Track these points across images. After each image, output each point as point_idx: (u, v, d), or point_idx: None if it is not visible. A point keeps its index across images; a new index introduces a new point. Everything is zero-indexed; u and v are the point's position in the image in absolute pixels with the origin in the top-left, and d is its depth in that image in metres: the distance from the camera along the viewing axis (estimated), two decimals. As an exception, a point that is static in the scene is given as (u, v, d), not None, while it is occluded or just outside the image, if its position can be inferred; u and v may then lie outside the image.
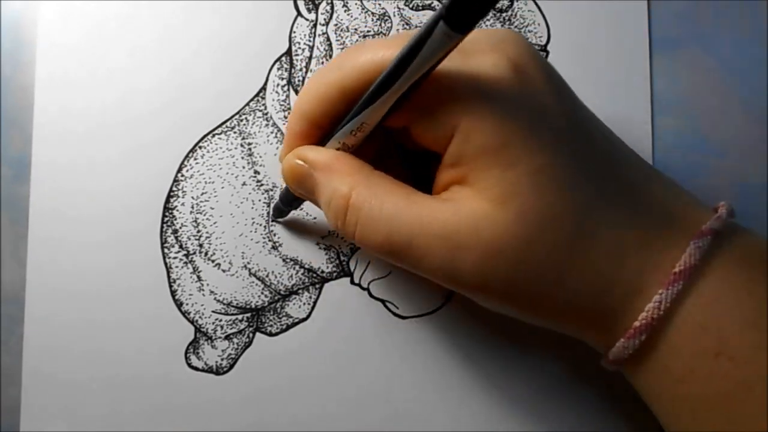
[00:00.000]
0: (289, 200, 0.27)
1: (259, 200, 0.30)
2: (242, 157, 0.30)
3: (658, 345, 0.22)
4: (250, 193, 0.30)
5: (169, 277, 0.30)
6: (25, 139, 0.30)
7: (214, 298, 0.30)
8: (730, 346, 0.20)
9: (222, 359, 0.30)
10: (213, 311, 0.30)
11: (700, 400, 0.21)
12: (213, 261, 0.30)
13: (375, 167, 0.24)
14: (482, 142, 0.21)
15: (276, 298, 0.30)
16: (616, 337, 0.22)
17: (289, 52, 0.31)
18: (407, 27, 0.30)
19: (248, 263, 0.30)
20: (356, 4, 0.30)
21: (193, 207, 0.30)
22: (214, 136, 0.30)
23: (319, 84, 0.24)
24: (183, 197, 0.30)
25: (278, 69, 0.31)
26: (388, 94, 0.21)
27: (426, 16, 0.30)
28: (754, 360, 0.20)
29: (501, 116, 0.21)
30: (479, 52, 0.22)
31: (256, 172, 0.30)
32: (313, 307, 0.30)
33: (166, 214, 0.30)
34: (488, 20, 0.31)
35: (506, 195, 0.21)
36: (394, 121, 0.23)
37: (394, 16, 0.30)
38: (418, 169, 0.26)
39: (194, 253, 0.30)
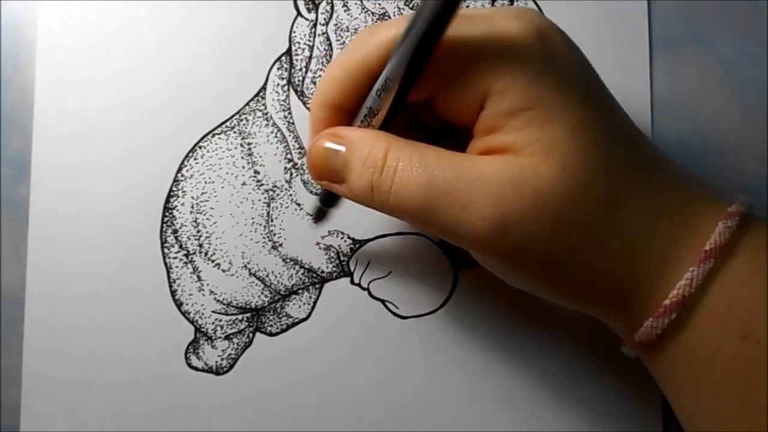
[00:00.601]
0: (330, 199, 0.26)
1: (259, 200, 0.30)
2: (242, 157, 0.30)
3: (685, 325, 0.21)
4: (249, 193, 0.30)
5: (169, 277, 0.30)
6: (25, 139, 0.30)
7: (214, 298, 0.30)
8: (758, 328, 0.20)
9: (222, 359, 0.30)
10: (213, 311, 0.30)
11: (724, 384, 0.21)
12: (213, 261, 0.30)
13: None
14: (516, 102, 0.21)
15: (276, 298, 0.30)
16: (642, 315, 0.22)
17: (289, 52, 0.31)
18: (407, 27, 0.30)
19: (248, 263, 0.30)
20: (356, 3, 0.30)
21: (193, 207, 0.30)
22: (213, 136, 0.30)
23: (341, 65, 0.23)
24: (183, 197, 0.30)
25: (278, 69, 0.31)
26: (405, 43, 0.21)
27: (426, 16, 0.30)
28: None
29: (532, 76, 0.21)
30: (505, 19, 0.22)
31: (256, 172, 0.30)
32: (313, 307, 0.30)
33: (166, 214, 0.30)
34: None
35: (547, 150, 0.21)
36: (420, 93, 0.23)
37: (394, 15, 0.30)
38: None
39: (194, 253, 0.30)
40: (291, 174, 0.30)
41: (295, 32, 0.31)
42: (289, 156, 0.30)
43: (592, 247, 0.21)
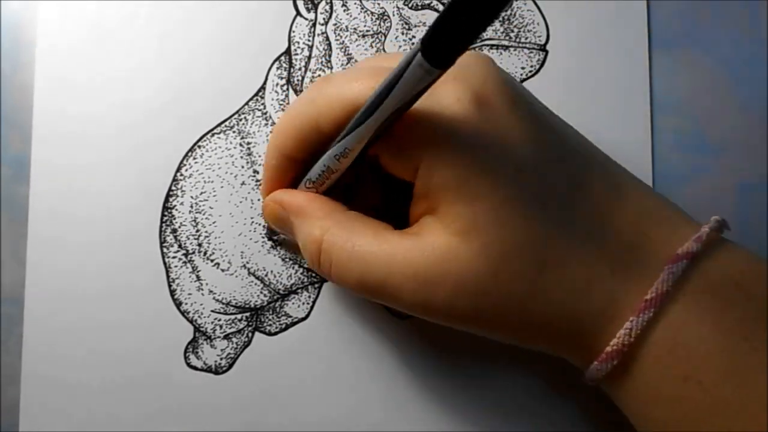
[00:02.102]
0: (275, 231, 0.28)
1: (258, 199, 0.30)
2: (241, 157, 0.30)
3: (629, 368, 0.22)
4: (249, 193, 0.30)
5: (168, 276, 0.30)
6: (24, 139, 0.30)
7: (213, 298, 0.30)
8: (699, 370, 0.21)
9: (221, 359, 0.30)
10: (212, 311, 0.30)
11: (669, 423, 0.21)
12: (212, 260, 0.30)
13: (353, 193, 0.25)
14: (444, 179, 0.22)
15: (275, 297, 0.30)
16: (590, 357, 0.23)
17: (288, 52, 0.31)
18: (406, 26, 0.30)
19: (247, 262, 0.30)
20: (355, 3, 0.30)
21: (192, 206, 0.30)
22: (213, 135, 0.30)
23: (292, 118, 0.25)
24: (182, 196, 0.30)
25: (277, 68, 0.31)
26: (363, 127, 0.22)
27: (425, 15, 0.30)
28: (720, 384, 0.20)
29: (462, 152, 0.22)
30: (442, 83, 0.21)
31: (255, 171, 0.30)
32: (312, 307, 0.30)
33: (165, 213, 0.30)
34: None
35: (469, 229, 0.21)
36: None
37: (393, 15, 0.30)
38: (397, 194, 0.26)
39: (193, 252, 0.30)
40: (290, 173, 0.30)
41: (294, 32, 0.31)
42: (288, 155, 0.30)
43: (522, 310, 0.22)
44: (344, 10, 0.30)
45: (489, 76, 0.23)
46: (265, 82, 0.31)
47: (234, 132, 0.30)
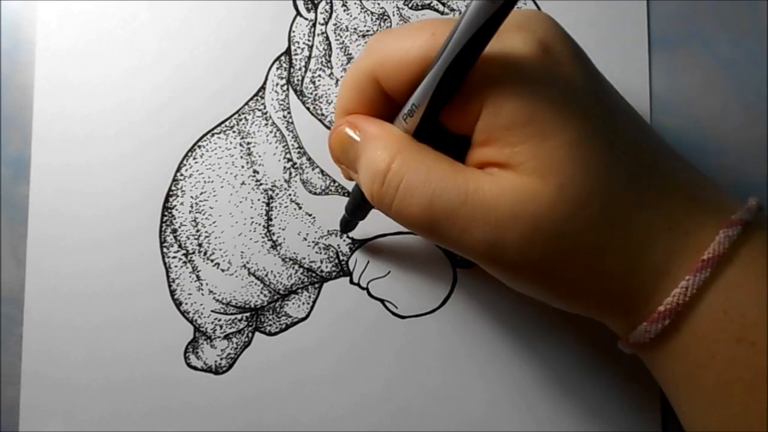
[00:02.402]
0: (355, 209, 0.27)
1: (258, 199, 0.30)
2: (241, 157, 0.30)
3: (680, 330, 0.21)
4: (249, 193, 0.30)
5: (168, 276, 0.30)
6: (24, 139, 0.30)
7: (213, 298, 0.30)
8: (753, 331, 0.20)
9: (221, 359, 0.30)
10: (212, 311, 0.30)
11: (719, 387, 0.21)
12: (212, 260, 0.30)
13: None
14: (511, 116, 0.21)
15: (275, 297, 0.30)
16: (638, 320, 0.22)
17: (288, 52, 0.31)
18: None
19: (247, 263, 0.30)
20: (355, 3, 0.30)
21: (192, 206, 0.30)
22: (213, 135, 0.30)
23: (352, 74, 0.24)
24: (182, 196, 0.30)
25: (277, 68, 0.31)
26: (428, 77, 0.21)
27: (425, 15, 0.30)
28: None
29: (529, 90, 0.21)
30: (507, 31, 0.21)
31: (255, 171, 0.30)
32: (312, 307, 0.30)
33: (165, 213, 0.30)
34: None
35: (544, 168, 0.21)
36: None
37: (393, 15, 0.30)
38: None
39: (193, 252, 0.30)
40: (290, 173, 0.30)
41: (294, 32, 0.31)
42: (288, 155, 0.30)
43: (589, 263, 0.21)
44: (344, 10, 0.30)
45: (551, 28, 0.22)
46: (265, 82, 0.31)
47: (234, 132, 0.30)
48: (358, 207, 0.27)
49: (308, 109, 0.30)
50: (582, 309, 0.23)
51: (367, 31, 0.30)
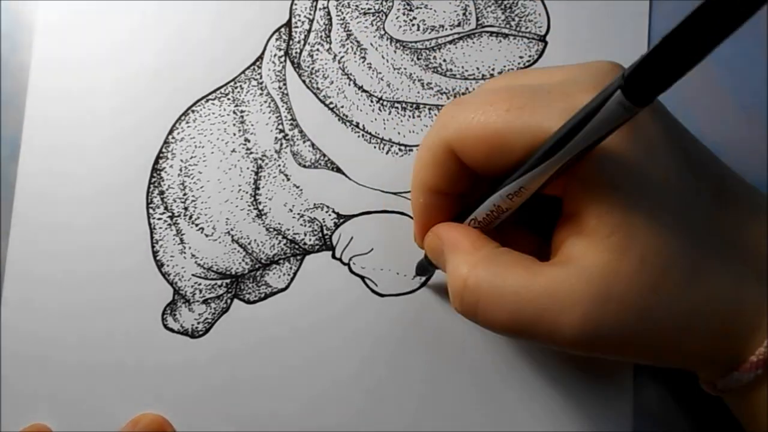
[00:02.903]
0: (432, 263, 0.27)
1: (247, 168, 0.30)
2: (234, 124, 0.30)
3: None
4: (238, 161, 0.30)
5: (152, 237, 0.30)
6: (21, 119, 0.30)
7: (195, 262, 0.30)
8: None
9: (198, 323, 0.30)
10: (193, 275, 0.30)
11: None
12: (197, 225, 0.30)
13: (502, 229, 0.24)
14: (597, 187, 0.21)
15: (256, 266, 0.30)
16: (727, 368, 0.22)
17: (288, 24, 0.31)
18: (408, 8, 0.31)
19: (231, 230, 0.30)
20: (358, -20, 0.31)
21: (181, 170, 0.30)
22: (207, 101, 0.30)
23: (427, 149, 0.24)
24: (172, 159, 0.30)
25: (276, 40, 0.31)
26: (545, 165, 0.20)
27: (427, -3, 0.30)
28: None
29: (611, 160, 0.21)
30: (582, 97, 0.21)
31: (246, 140, 0.30)
32: (292, 278, 0.30)
33: (154, 174, 0.30)
34: (489, 7, 0.31)
35: (625, 241, 0.21)
36: None
37: (394, -7, 0.30)
38: (542, 220, 0.25)
39: (179, 215, 0.30)
40: (281, 144, 0.30)
41: (296, 4, 0.31)
42: (280, 126, 0.30)
43: (679, 327, 0.21)
44: (346, -15, 0.30)
45: (658, 122, 0.22)
46: (263, 53, 0.31)
47: (228, 99, 0.30)
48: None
49: (304, 82, 0.30)
50: (668, 365, 0.23)
51: (369, 9, 0.31)
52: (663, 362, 0.23)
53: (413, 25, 0.30)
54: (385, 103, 0.30)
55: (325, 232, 0.30)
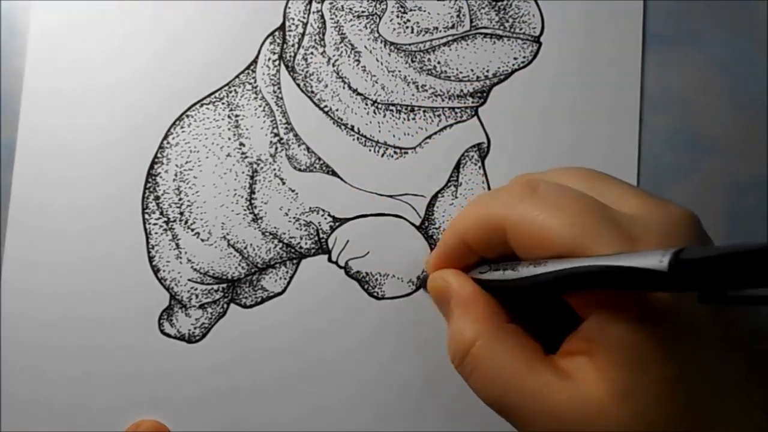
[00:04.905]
0: None
1: (243, 172, 0.30)
2: (228, 129, 0.30)
3: None
4: (233, 165, 0.30)
5: (147, 242, 0.30)
6: (15, 125, 0.30)
7: (191, 267, 0.30)
8: None
9: (195, 328, 0.30)
10: (189, 279, 0.30)
11: None
12: (192, 230, 0.30)
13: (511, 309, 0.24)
14: (616, 337, 0.21)
15: (253, 270, 0.30)
16: None
17: (282, 28, 0.31)
18: (402, 10, 0.31)
19: (227, 234, 0.30)
20: (351, -17, 0.31)
21: (176, 175, 0.30)
22: (202, 105, 0.30)
23: (482, 214, 0.24)
24: (167, 164, 0.30)
25: (270, 44, 0.31)
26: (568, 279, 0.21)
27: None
28: None
29: (641, 315, 0.20)
30: (647, 244, 0.20)
31: (241, 144, 0.30)
32: (289, 282, 0.30)
33: (149, 180, 0.30)
34: (483, 8, 0.31)
35: (627, 395, 0.20)
36: None
37: (387, -4, 0.30)
38: (556, 312, 0.25)
39: (174, 220, 0.30)
40: (276, 148, 0.30)
41: (289, 8, 0.31)
42: (275, 130, 0.30)
43: None
44: (339, -12, 0.30)
45: (692, 241, 0.22)
46: (257, 57, 0.31)
47: (223, 104, 0.30)
48: None
49: (298, 85, 0.30)
50: None
51: (363, 11, 0.31)
52: None
53: (407, 27, 0.30)
54: (379, 105, 0.30)
55: (321, 235, 0.30)
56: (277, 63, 0.31)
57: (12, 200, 0.30)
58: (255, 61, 0.31)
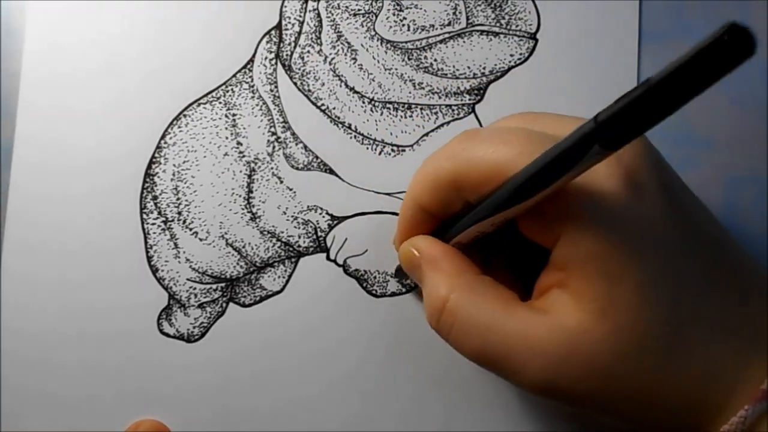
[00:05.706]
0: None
1: (240, 171, 0.30)
2: (226, 128, 0.30)
3: None
4: (231, 164, 0.30)
5: (146, 242, 0.30)
6: (12, 126, 0.30)
7: (190, 266, 0.30)
8: None
9: (194, 327, 0.30)
10: (188, 279, 0.30)
11: None
12: (191, 229, 0.30)
13: (483, 260, 0.24)
14: (586, 253, 0.21)
15: (251, 269, 0.30)
16: None
17: (279, 26, 0.31)
18: (398, 8, 0.31)
19: (225, 233, 0.30)
20: (347, -19, 0.31)
21: (174, 174, 0.30)
22: (199, 105, 0.30)
23: (430, 172, 0.24)
24: (165, 164, 0.30)
25: (267, 42, 0.31)
26: (518, 205, 0.21)
27: (416, -3, 0.30)
28: None
29: (608, 229, 0.21)
30: None
31: (238, 143, 0.30)
32: (287, 281, 0.30)
33: (147, 180, 0.30)
34: (479, 6, 0.31)
35: (605, 309, 0.21)
36: None
37: (383, -7, 0.30)
38: (525, 262, 0.25)
39: (172, 220, 0.30)
40: (274, 147, 0.30)
41: (286, 7, 0.31)
42: (272, 129, 0.30)
43: (645, 400, 0.21)
44: (335, -13, 0.30)
45: (641, 155, 0.22)
46: (254, 56, 0.31)
47: (220, 103, 0.30)
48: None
49: (295, 84, 0.30)
50: (630, 429, 0.23)
51: (359, 9, 0.31)
52: (625, 426, 0.23)
53: (403, 25, 0.30)
54: (376, 103, 0.30)
55: (320, 234, 0.30)
56: (273, 62, 0.31)
57: (10, 201, 0.30)
58: (252, 60, 0.31)
